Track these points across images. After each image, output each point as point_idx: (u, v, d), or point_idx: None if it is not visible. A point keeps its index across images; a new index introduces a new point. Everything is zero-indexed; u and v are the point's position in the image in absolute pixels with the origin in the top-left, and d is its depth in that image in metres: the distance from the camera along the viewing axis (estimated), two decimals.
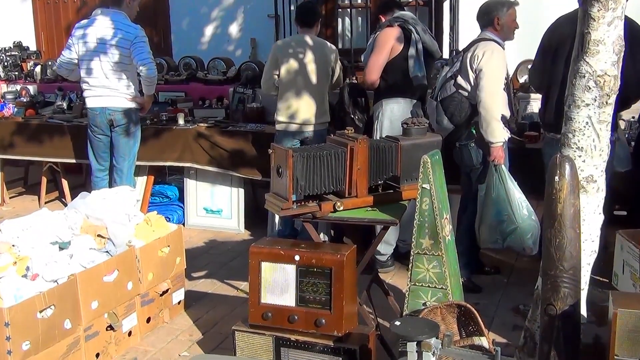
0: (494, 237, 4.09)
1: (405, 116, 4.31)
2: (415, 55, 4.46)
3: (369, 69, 4.48)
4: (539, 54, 4.07)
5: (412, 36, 4.46)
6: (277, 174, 3.10)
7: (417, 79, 4.47)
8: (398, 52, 4.45)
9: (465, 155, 4.18)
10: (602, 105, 2.68)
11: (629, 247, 3.53)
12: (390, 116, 4.47)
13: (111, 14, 5.04)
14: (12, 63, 7.43)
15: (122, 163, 5.24)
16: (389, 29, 4.47)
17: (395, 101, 4.49)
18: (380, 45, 4.46)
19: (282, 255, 3.00)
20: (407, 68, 4.46)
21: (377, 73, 4.46)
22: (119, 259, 3.53)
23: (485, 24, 4.20)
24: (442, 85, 4.18)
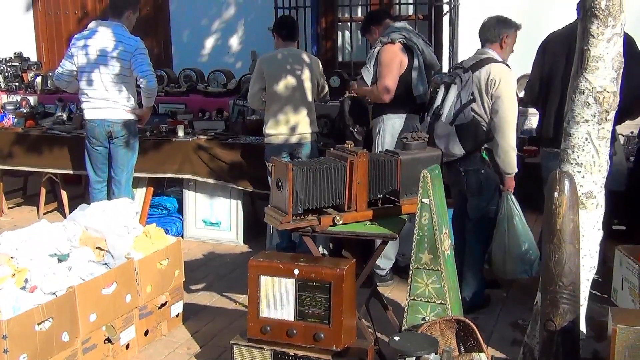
0: (522, 267, 4.09)
1: (407, 131, 4.30)
2: (418, 71, 4.44)
3: (382, 89, 4.36)
4: (534, 69, 4.08)
5: (415, 51, 4.43)
6: (277, 187, 3.10)
7: (420, 96, 4.45)
8: (404, 69, 4.42)
9: (472, 181, 4.05)
10: (601, 122, 2.70)
11: (627, 262, 3.54)
12: (392, 131, 4.45)
13: (112, 26, 5.05)
14: (12, 74, 7.45)
15: (121, 175, 5.24)
16: (391, 47, 4.40)
17: (398, 116, 4.46)
18: (387, 64, 4.38)
19: (281, 269, 3.00)
20: (411, 84, 4.43)
21: (391, 94, 4.38)
22: (117, 272, 3.53)
23: (490, 40, 4.13)
24: (460, 110, 3.95)
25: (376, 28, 4.66)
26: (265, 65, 4.86)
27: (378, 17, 4.73)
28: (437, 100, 4.03)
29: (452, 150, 3.96)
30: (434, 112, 4.02)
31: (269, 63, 4.87)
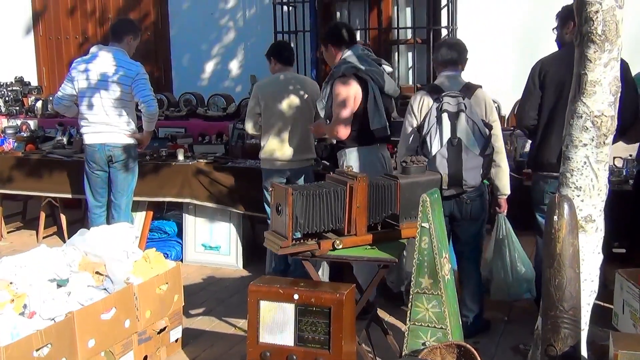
0: (526, 288, 4.13)
1: (369, 162, 4.25)
2: (374, 107, 4.23)
3: (338, 126, 4.18)
4: (529, 94, 4.09)
5: (369, 83, 4.22)
6: (277, 211, 3.11)
7: (378, 131, 4.24)
8: (358, 103, 4.22)
9: (478, 207, 3.99)
10: (599, 145, 2.71)
11: (628, 286, 3.53)
12: (356, 163, 4.25)
13: (112, 51, 5.09)
14: (13, 98, 7.48)
15: (120, 199, 5.24)
16: (344, 81, 4.19)
17: (360, 149, 4.29)
18: (341, 100, 4.17)
19: (281, 294, 2.99)
20: (367, 118, 4.23)
21: (347, 130, 4.20)
22: (116, 297, 3.52)
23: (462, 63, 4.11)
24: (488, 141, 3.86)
25: (334, 48, 4.43)
26: (262, 90, 4.84)
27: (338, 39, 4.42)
28: (445, 131, 3.78)
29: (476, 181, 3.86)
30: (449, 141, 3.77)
31: (266, 88, 4.85)
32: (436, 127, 3.79)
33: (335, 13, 6.98)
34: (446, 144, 3.77)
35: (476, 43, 6.30)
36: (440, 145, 3.77)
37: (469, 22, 6.34)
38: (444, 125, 3.78)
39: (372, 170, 4.11)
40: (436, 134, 3.79)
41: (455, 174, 3.78)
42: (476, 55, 6.29)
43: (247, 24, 7.32)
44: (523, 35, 6.06)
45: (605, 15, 2.55)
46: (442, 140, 3.78)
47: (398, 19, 6.64)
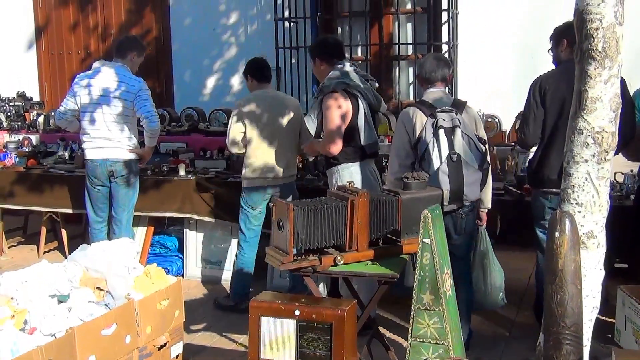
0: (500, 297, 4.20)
1: (362, 178, 4.25)
2: (365, 122, 4.25)
3: (330, 143, 4.19)
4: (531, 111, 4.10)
5: (359, 99, 4.24)
6: (278, 227, 3.11)
7: (369, 146, 4.28)
8: (349, 119, 4.23)
9: (471, 221, 4.04)
10: (600, 162, 2.71)
11: (630, 302, 3.52)
12: (350, 178, 4.17)
13: (115, 67, 5.12)
14: (15, 113, 7.51)
15: (122, 214, 5.25)
16: (335, 97, 4.19)
17: (353, 164, 4.30)
18: (332, 116, 4.18)
19: (282, 310, 2.98)
20: (358, 133, 4.25)
21: (339, 146, 4.20)
22: (117, 312, 3.50)
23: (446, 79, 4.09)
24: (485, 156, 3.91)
25: (321, 62, 4.46)
26: (244, 108, 4.81)
27: (326, 53, 4.45)
28: (443, 146, 3.77)
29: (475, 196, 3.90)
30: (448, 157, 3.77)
31: (249, 107, 4.81)
32: (434, 143, 3.78)
33: (337, 29, 7.02)
34: (446, 160, 3.76)
35: (476, 59, 6.35)
36: (440, 162, 3.76)
37: (469, 38, 6.38)
38: (441, 141, 3.77)
39: (368, 185, 4.18)
40: (434, 150, 3.77)
41: (457, 190, 3.78)
42: (476, 72, 6.36)
43: (249, 40, 7.35)
44: (523, 52, 6.09)
45: (605, 32, 2.56)
46: (441, 156, 3.77)
47: (399, 34, 6.68)
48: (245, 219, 4.89)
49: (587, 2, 2.58)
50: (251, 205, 4.84)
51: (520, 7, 6.17)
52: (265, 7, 7.16)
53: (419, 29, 6.58)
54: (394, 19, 6.71)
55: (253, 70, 4.97)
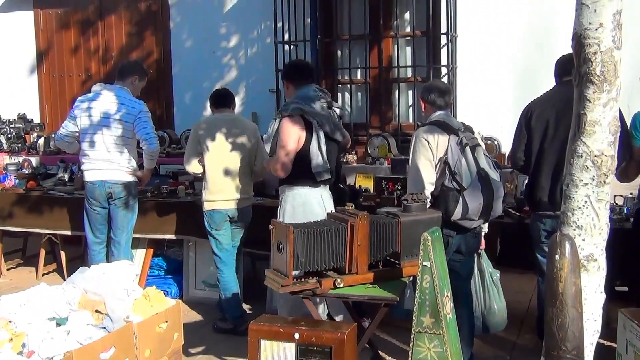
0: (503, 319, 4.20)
1: (308, 203, 4.25)
2: (317, 149, 4.24)
3: (278, 164, 4.21)
4: (522, 135, 4.19)
5: (314, 126, 4.23)
6: (278, 249, 3.10)
7: (319, 173, 4.25)
8: (302, 145, 4.23)
9: (477, 241, 4.10)
10: (600, 185, 2.71)
11: (631, 326, 3.49)
12: (292, 202, 4.27)
13: (115, 90, 5.14)
14: (15, 135, 7.53)
15: (120, 236, 5.24)
16: (290, 121, 4.21)
17: (299, 188, 4.28)
18: (284, 139, 4.20)
19: (282, 333, 2.96)
20: (309, 161, 4.23)
21: (289, 169, 4.22)
22: (116, 335, 3.48)
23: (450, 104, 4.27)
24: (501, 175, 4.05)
25: (289, 84, 4.51)
26: (201, 130, 4.88)
27: (295, 76, 4.51)
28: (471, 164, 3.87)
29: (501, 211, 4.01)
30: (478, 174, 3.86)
31: (204, 129, 4.89)
32: (462, 161, 3.87)
33: (336, 52, 7.06)
34: (476, 176, 3.85)
35: (476, 81, 6.39)
36: (470, 178, 3.84)
37: (468, 61, 6.42)
38: (469, 158, 3.87)
39: (307, 211, 4.17)
40: (463, 166, 3.86)
41: (488, 204, 3.85)
42: (475, 95, 6.39)
43: (249, 63, 7.40)
44: (521, 75, 6.13)
45: (603, 56, 2.58)
46: (470, 173, 3.86)
47: (398, 57, 6.72)
48: (214, 241, 4.97)
49: (585, 27, 2.60)
50: (214, 227, 4.94)
51: (518, 30, 6.22)
52: (266, 30, 7.21)
53: (418, 52, 6.62)
54: (394, 42, 6.76)
55: (213, 98, 5.15)
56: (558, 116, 4.00)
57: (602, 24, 2.58)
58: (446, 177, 3.88)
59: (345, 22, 6.93)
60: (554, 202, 3.95)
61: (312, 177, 4.24)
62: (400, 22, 6.81)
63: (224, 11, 7.47)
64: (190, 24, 7.67)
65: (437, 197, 3.91)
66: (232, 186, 4.87)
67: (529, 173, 4.27)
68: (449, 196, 3.82)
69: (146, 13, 7.95)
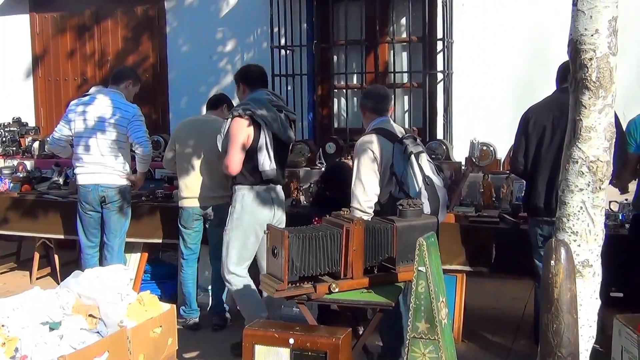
0: None
1: (256, 202, 4.36)
2: (265, 150, 4.33)
3: (228, 162, 4.31)
4: (521, 141, 4.21)
5: (262, 127, 4.32)
6: (273, 254, 3.09)
7: (266, 173, 4.34)
8: (249, 144, 4.33)
9: None
10: (595, 190, 2.72)
11: (626, 332, 3.49)
12: (242, 201, 4.37)
13: (110, 94, 5.14)
14: (10, 138, 7.51)
15: (113, 240, 5.23)
16: (239, 121, 4.30)
17: (248, 188, 4.38)
18: (233, 139, 4.30)
19: (276, 338, 2.95)
20: (257, 161, 4.33)
21: (238, 166, 4.32)
22: (109, 340, 3.46)
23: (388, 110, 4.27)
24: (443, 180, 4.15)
25: (244, 87, 4.62)
26: (176, 130, 5.16)
27: (250, 80, 4.62)
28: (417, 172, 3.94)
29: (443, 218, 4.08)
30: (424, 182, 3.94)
31: (178, 129, 5.16)
32: (409, 170, 3.92)
33: (332, 57, 7.06)
34: (422, 184, 3.91)
35: (471, 87, 6.40)
36: (418, 186, 3.90)
37: (464, 67, 6.43)
38: (414, 166, 3.93)
39: (256, 211, 4.34)
40: (409, 175, 3.92)
41: (435, 212, 3.91)
42: (470, 100, 6.40)
43: None
44: (517, 80, 6.14)
45: (599, 63, 2.58)
46: (417, 181, 3.91)
47: (394, 63, 6.72)
48: (181, 238, 5.17)
49: (581, 33, 2.61)
50: (182, 224, 5.11)
51: (514, 36, 6.23)
52: (262, 35, 7.21)
53: (414, 58, 6.63)
54: (390, 47, 6.76)
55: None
56: (555, 122, 4.01)
57: (597, 30, 2.58)
58: (394, 186, 3.93)
59: (342, 27, 6.93)
60: (550, 208, 3.95)
61: (260, 176, 4.35)
62: (397, 28, 6.81)
63: (220, 16, 7.47)
64: (187, 29, 7.67)
65: (385, 205, 3.95)
66: (200, 184, 5.00)
67: (526, 178, 4.27)
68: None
69: (142, 18, 7.94)
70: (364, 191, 3.96)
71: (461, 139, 6.23)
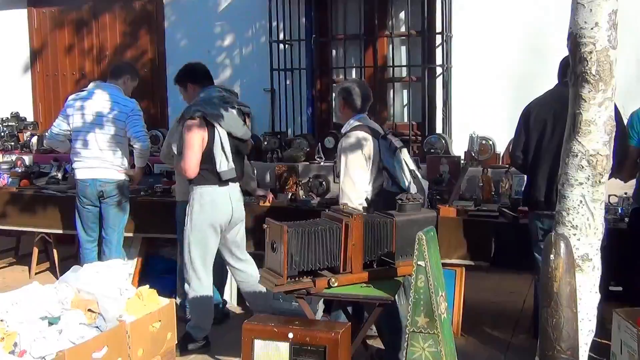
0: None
1: (215, 201, 4.34)
2: (220, 150, 4.32)
3: (186, 165, 4.28)
4: (521, 135, 4.21)
5: (215, 131, 4.30)
6: (272, 249, 3.09)
7: (224, 173, 4.33)
8: (205, 145, 4.31)
9: None
10: (595, 184, 2.71)
11: (626, 326, 3.49)
12: (200, 200, 4.36)
13: (108, 88, 5.13)
14: (8, 133, 7.49)
15: (112, 235, 5.23)
16: (194, 123, 4.28)
17: (207, 187, 4.36)
18: (188, 141, 4.28)
19: (276, 333, 2.95)
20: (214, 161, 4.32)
21: (195, 169, 4.29)
22: (109, 335, 3.46)
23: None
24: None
25: (192, 86, 4.61)
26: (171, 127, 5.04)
27: (196, 77, 4.64)
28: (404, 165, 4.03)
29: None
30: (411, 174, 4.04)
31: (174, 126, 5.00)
32: (396, 164, 4.01)
33: (331, 51, 7.04)
34: (410, 178, 4.01)
35: (470, 81, 6.38)
36: (407, 179, 3.99)
37: (463, 61, 6.41)
38: (401, 160, 4.03)
39: (215, 210, 4.33)
40: (396, 171, 4.00)
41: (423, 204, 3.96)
42: (470, 94, 6.38)
43: (244, 62, 7.37)
44: (516, 74, 6.12)
45: (599, 56, 2.58)
46: (404, 174, 4.00)
47: (393, 57, 6.71)
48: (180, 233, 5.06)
49: (580, 26, 2.60)
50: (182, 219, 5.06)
51: (513, 29, 6.21)
52: (260, 29, 7.19)
53: (413, 52, 6.61)
54: (389, 41, 6.74)
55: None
56: (556, 116, 4.00)
57: (597, 24, 2.58)
58: (385, 180, 3.99)
59: (340, 21, 6.91)
60: (550, 202, 3.95)
61: (217, 176, 4.33)
62: (396, 22, 6.79)
63: (219, 10, 7.44)
64: (185, 24, 7.64)
65: (375, 201, 3.99)
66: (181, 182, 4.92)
67: (527, 172, 4.26)
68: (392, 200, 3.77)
69: (141, 12, 7.91)
70: (353, 187, 4.00)
71: (460, 133, 6.22)
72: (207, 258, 4.43)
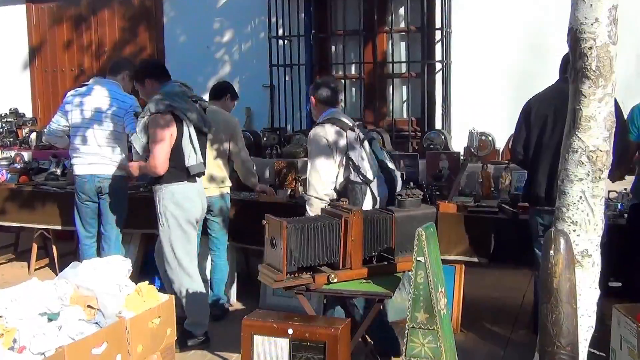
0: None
1: (187, 197, 4.33)
2: (189, 144, 4.30)
3: (156, 163, 4.23)
4: (522, 131, 4.21)
5: (185, 121, 4.28)
6: (271, 245, 3.09)
7: (193, 168, 4.31)
8: (174, 140, 4.28)
9: None
10: (595, 180, 2.71)
11: (625, 322, 3.49)
12: (172, 199, 4.32)
13: (107, 84, 5.12)
14: (7, 129, 7.48)
15: (111, 231, 5.22)
16: (162, 118, 4.23)
17: (176, 184, 4.33)
18: (157, 137, 4.23)
19: (275, 329, 2.95)
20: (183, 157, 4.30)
21: (165, 165, 4.25)
22: (108, 331, 3.46)
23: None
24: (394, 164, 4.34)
25: (150, 82, 4.52)
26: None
27: (153, 73, 4.56)
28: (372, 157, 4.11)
29: None
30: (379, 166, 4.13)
31: None
32: (363, 155, 4.02)
33: (331, 47, 7.04)
34: (378, 168, 4.08)
35: (470, 77, 6.38)
36: (373, 170, 4.02)
37: (462, 57, 6.40)
38: (368, 152, 4.07)
39: (191, 205, 4.35)
40: (363, 161, 4.00)
41: (391, 194, 4.05)
42: (469, 90, 6.38)
43: (243, 58, 7.36)
44: (516, 70, 6.11)
45: (599, 52, 2.57)
46: (371, 166, 4.03)
47: (393, 53, 6.70)
48: None
49: (580, 22, 2.59)
50: None
51: (512, 25, 6.20)
52: (260, 25, 7.18)
53: (413, 48, 6.61)
54: (388, 37, 6.73)
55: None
56: (556, 112, 3.99)
57: (597, 19, 2.57)
58: (351, 171, 3.99)
59: (340, 17, 6.91)
60: (551, 198, 3.94)
61: (187, 172, 4.32)
62: (395, 18, 6.78)
63: (218, 6, 7.43)
64: (184, 19, 7.63)
65: (342, 192, 4.00)
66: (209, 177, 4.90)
67: (527, 168, 4.26)
68: (356, 190, 3.92)
69: (139, 8, 7.90)
70: (320, 179, 4.00)
71: (460, 129, 6.21)
72: (192, 253, 4.45)
